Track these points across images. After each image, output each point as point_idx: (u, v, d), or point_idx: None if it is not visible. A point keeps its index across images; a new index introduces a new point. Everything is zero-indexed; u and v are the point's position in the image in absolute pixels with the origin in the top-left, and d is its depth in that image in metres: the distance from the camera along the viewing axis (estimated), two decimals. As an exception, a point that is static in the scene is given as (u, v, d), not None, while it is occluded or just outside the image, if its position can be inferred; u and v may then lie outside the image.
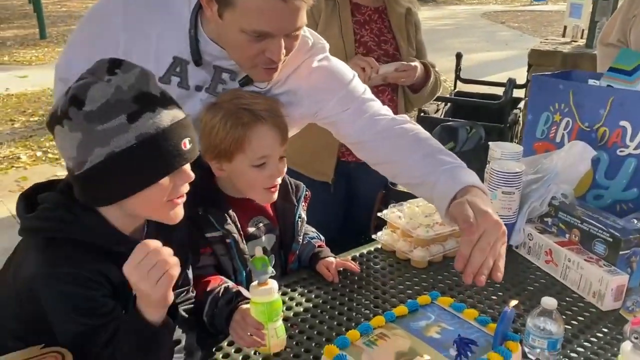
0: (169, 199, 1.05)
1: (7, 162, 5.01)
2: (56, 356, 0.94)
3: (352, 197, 2.29)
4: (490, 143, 1.75)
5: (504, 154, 1.67)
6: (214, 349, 1.22)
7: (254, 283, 1.16)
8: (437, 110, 4.52)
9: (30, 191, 1.08)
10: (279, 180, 1.37)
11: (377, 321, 1.19)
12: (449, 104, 4.60)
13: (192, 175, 1.08)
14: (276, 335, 1.17)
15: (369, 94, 1.46)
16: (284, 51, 1.23)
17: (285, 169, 1.39)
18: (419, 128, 1.43)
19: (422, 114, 4.13)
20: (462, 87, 4.83)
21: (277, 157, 1.33)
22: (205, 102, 1.35)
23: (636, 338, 1.01)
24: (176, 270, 0.96)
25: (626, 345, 1.04)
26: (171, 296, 0.99)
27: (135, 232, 1.10)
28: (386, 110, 1.46)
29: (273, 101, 1.35)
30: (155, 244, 0.95)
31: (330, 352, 1.09)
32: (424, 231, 1.57)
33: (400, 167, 1.40)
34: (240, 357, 1.20)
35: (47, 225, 1.00)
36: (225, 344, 1.24)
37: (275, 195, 1.38)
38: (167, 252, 0.96)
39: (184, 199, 1.09)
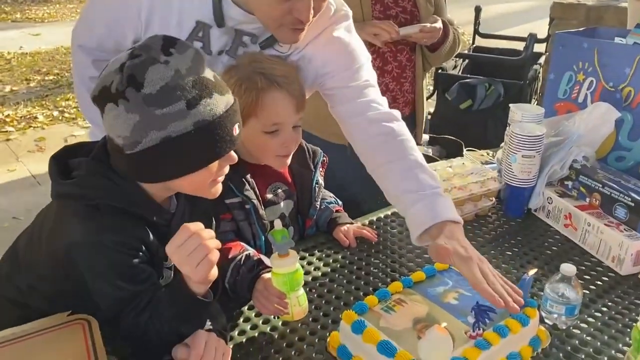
0: (212, 179, 1.06)
1: (24, 122, 5.05)
2: (82, 323, 0.97)
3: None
4: (510, 105, 1.71)
5: (524, 116, 1.64)
6: (234, 314, 1.25)
7: (275, 254, 1.17)
8: (455, 67, 4.43)
9: (61, 153, 1.08)
10: (293, 150, 1.36)
11: (395, 287, 1.21)
12: (467, 60, 4.51)
13: (236, 158, 1.08)
14: (298, 304, 1.19)
15: (374, 80, 1.46)
16: (312, 11, 1.21)
17: (300, 138, 1.37)
18: (406, 133, 1.40)
19: (439, 71, 4.06)
20: (481, 42, 4.72)
21: (291, 125, 1.32)
22: (226, 65, 1.33)
23: (656, 306, 1.00)
24: (215, 255, 0.96)
25: (645, 314, 1.04)
26: (215, 273, 0.98)
27: (165, 201, 1.11)
28: (383, 102, 1.44)
29: (291, 67, 1.33)
30: (196, 227, 0.96)
31: (349, 318, 1.10)
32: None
33: (376, 167, 1.39)
34: (261, 321, 1.22)
35: (87, 193, 1.00)
36: (245, 308, 1.26)
37: (288, 161, 1.38)
38: (208, 235, 0.96)
39: (223, 177, 1.10)
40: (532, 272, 1.12)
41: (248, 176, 1.37)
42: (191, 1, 1.26)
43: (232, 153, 1.06)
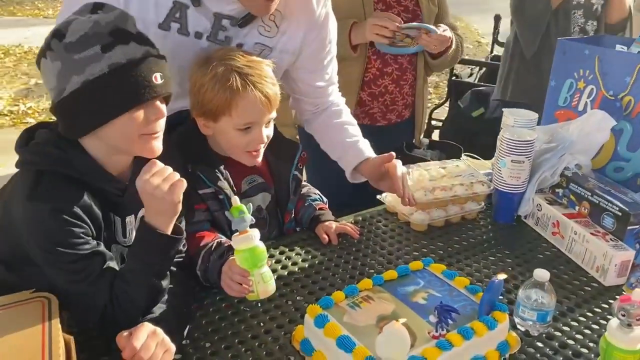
0: (142, 132, 1.08)
1: (45, 115, 5.16)
2: (42, 301, 0.98)
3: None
4: (504, 109, 1.69)
5: (517, 121, 1.62)
6: (205, 303, 1.25)
7: (236, 233, 1.17)
8: (471, 75, 4.40)
9: (34, 128, 1.13)
10: (262, 147, 1.36)
11: (364, 284, 1.20)
12: (484, 69, 4.46)
13: (164, 111, 1.10)
14: (262, 281, 1.17)
15: (335, 76, 1.66)
16: None
17: (272, 134, 1.38)
18: (350, 119, 1.70)
19: (454, 78, 4.03)
20: (500, 51, 4.66)
21: (263, 124, 1.32)
22: (206, 50, 1.35)
23: (623, 315, 0.98)
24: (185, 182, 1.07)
25: (613, 322, 1.01)
26: (180, 206, 1.08)
27: (121, 174, 1.13)
28: (337, 96, 1.70)
29: (266, 65, 1.33)
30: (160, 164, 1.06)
31: (313, 312, 1.10)
32: (422, 194, 1.55)
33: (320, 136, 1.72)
34: (229, 312, 1.23)
35: (37, 159, 1.06)
36: (217, 299, 1.26)
37: (259, 159, 1.37)
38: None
39: (158, 135, 1.11)
40: (500, 276, 1.10)
41: (222, 167, 1.37)
42: None
43: (159, 105, 1.08)
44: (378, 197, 1.71)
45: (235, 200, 1.19)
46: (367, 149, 1.62)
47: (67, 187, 1.04)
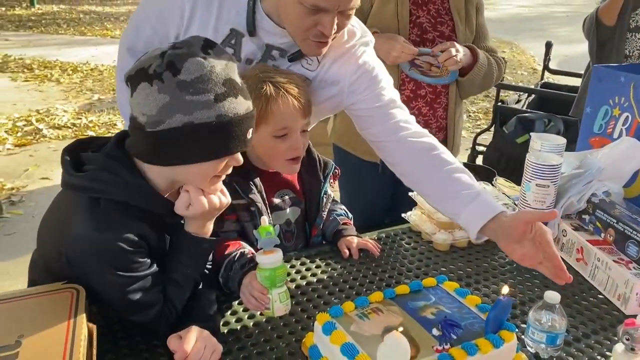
0: (215, 174, 1.15)
1: (104, 128, 5.46)
2: (72, 291, 1.07)
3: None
4: (532, 134, 1.69)
5: (543, 146, 1.62)
6: (224, 306, 1.32)
7: (260, 251, 1.24)
8: (519, 101, 4.36)
9: (74, 146, 1.18)
10: (301, 153, 1.43)
11: (375, 296, 1.23)
12: (533, 96, 4.42)
13: (242, 160, 1.17)
14: (279, 300, 1.24)
15: (399, 101, 1.53)
16: (335, 27, 1.31)
17: (307, 143, 1.44)
18: (440, 146, 1.47)
19: (499, 103, 4.01)
20: (555, 79, 4.61)
21: (299, 130, 1.39)
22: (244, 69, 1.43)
23: (628, 339, 0.97)
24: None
25: (618, 347, 1.01)
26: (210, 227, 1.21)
27: (170, 196, 1.19)
28: (413, 121, 1.52)
29: (297, 76, 1.41)
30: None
31: (323, 319, 1.14)
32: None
33: (415, 181, 1.49)
34: (246, 316, 1.29)
35: (94, 186, 1.08)
36: (236, 303, 1.33)
37: (297, 168, 1.44)
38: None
39: (222, 178, 1.18)
40: (505, 290, 1.11)
41: (257, 180, 1.45)
42: (229, 10, 1.38)
43: (239, 155, 1.14)
44: (403, 215, 1.74)
45: (264, 220, 1.26)
46: (491, 200, 1.36)
47: (125, 214, 1.08)
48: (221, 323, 1.26)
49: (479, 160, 3.94)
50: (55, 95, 6.74)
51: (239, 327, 1.25)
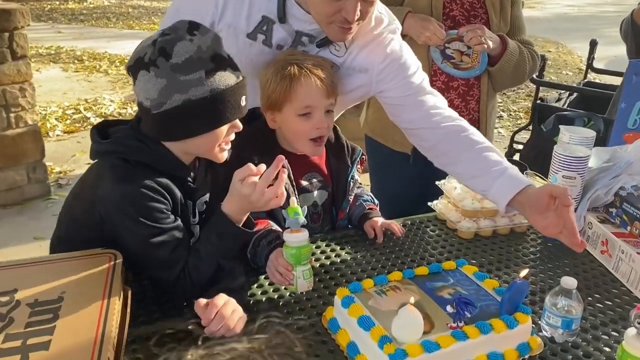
0: (220, 144, 1.25)
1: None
2: (110, 256, 1.16)
3: (432, 171, 2.32)
4: (561, 126, 1.70)
5: (572, 138, 1.62)
6: (251, 279, 1.38)
7: (288, 229, 1.30)
8: (559, 100, 4.28)
9: (101, 125, 1.30)
10: (325, 133, 1.48)
11: (394, 275, 1.28)
12: (574, 95, 4.33)
13: (241, 127, 1.27)
14: (303, 277, 1.30)
15: (427, 85, 1.58)
16: (358, 13, 1.37)
17: (332, 124, 1.50)
18: (470, 128, 1.54)
19: (538, 101, 3.95)
20: (600, 79, 4.50)
21: (322, 109, 1.44)
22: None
23: (639, 324, 0.99)
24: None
25: (630, 331, 1.02)
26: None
27: (190, 164, 1.30)
28: (443, 104, 1.58)
29: (324, 60, 1.47)
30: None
31: (342, 293, 1.19)
32: (469, 203, 1.59)
33: (447, 163, 1.56)
34: (271, 289, 1.35)
35: (120, 149, 1.20)
36: (262, 277, 1.39)
37: (321, 150, 1.50)
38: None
39: (229, 145, 1.28)
40: (523, 272, 1.14)
41: (285, 162, 1.50)
42: None
43: (238, 122, 1.25)
44: (429, 203, 1.78)
45: (293, 201, 1.33)
46: (518, 174, 1.44)
47: (150, 171, 1.19)
48: (247, 295, 1.32)
49: (516, 158, 3.90)
50: (103, 86, 6.99)
51: (263, 299, 1.31)
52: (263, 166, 1.22)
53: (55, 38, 9.85)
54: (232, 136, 1.27)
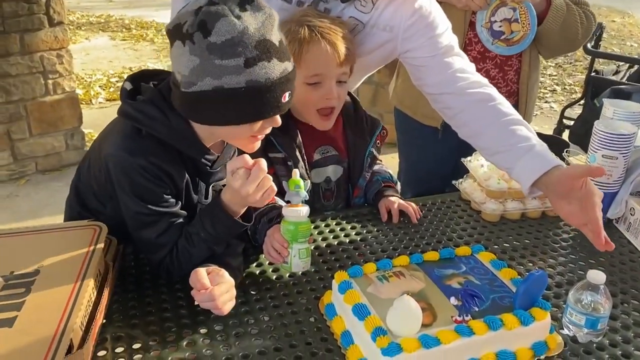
0: (252, 135, 1.13)
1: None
2: (95, 228, 1.11)
3: (463, 145, 2.18)
4: (604, 100, 1.52)
5: (616, 113, 1.45)
6: (250, 258, 1.31)
7: (287, 203, 1.20)
8: (617, 72, 3.97)
9: (138, 75, 1.20)
10: (334, 104, 1.36)
11: (400, 260, 1.17)
12: (635, 67, 4.00)
13: (280, 122, 1.14)
14: (299, 256, 1.20)
15: (457, 47, 1.47)
16: None
17: (345, 96, 1.38)
18: (498, 97, 1.40)
19: (592, 74, 3.67)
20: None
21: (333, 79, 1.32)
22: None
23: None
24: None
25: None
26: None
27: (215, 146, 1.20)
28: (471, 69, 1.46)
29: (341, 23, 1.34)
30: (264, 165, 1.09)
31: (340, 277, 1.10)
32: (495, 182, 1.45)
33: (472, 134, 1.42)
34: (270, 269, 1.27)
35: (139, 117, 1.10)
36: (262, 255, 1.31)
37: (330, 124, 1.39)
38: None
39: (263, 136, 1.16)
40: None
41: (296, 134, 1.41)
42: None
43: (277, 117, 1.11)
44: (454, 182, 1.64)
45: (295, 173, 1.22)
46: (547, 153, 1.29)
47: (161, 149, 1.10)
48: (244, 274, 1.25)
49: (565, 135, 3.66)
50: (148, 54, 7.04)
51: (260, 280, 1.24)
52: (262, 161, 1.10)
53: (106, 7, 9.99)
54: (269, 129, 1.15)
